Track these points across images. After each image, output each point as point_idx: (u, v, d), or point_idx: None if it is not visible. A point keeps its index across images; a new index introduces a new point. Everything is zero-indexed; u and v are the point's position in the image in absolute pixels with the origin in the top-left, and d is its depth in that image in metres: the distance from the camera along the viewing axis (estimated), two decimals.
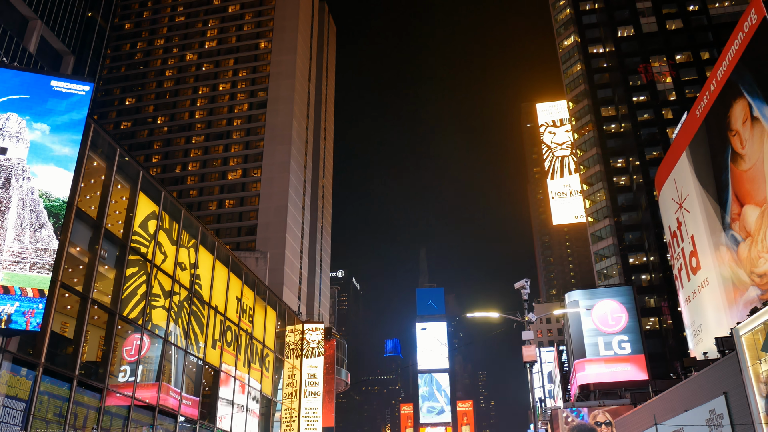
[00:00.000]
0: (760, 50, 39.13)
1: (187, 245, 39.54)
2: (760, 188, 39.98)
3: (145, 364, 34.47)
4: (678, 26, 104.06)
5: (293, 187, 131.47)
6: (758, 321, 32.34)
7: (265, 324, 51.44)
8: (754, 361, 32.28)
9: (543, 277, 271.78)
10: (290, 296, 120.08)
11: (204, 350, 40.22)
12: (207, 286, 41.55)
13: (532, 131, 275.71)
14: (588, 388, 68.69)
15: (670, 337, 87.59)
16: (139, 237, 34.23)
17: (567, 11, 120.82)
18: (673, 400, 42.01)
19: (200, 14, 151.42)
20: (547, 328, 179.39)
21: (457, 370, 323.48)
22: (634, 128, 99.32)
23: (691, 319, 55.58)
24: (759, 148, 39.74)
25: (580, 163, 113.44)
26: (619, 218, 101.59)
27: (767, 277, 39.67)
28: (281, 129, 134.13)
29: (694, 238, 53.03)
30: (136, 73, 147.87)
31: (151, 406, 33.93)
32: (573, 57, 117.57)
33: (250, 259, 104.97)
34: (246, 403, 45.60)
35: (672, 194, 58.08)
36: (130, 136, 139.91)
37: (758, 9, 39.20)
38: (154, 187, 36.22)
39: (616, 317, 70.06)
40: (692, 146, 52.09)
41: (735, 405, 33.44)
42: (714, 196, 47.81)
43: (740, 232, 43.44)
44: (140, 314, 33.62)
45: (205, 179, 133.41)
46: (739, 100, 42.30)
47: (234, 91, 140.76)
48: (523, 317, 32.31)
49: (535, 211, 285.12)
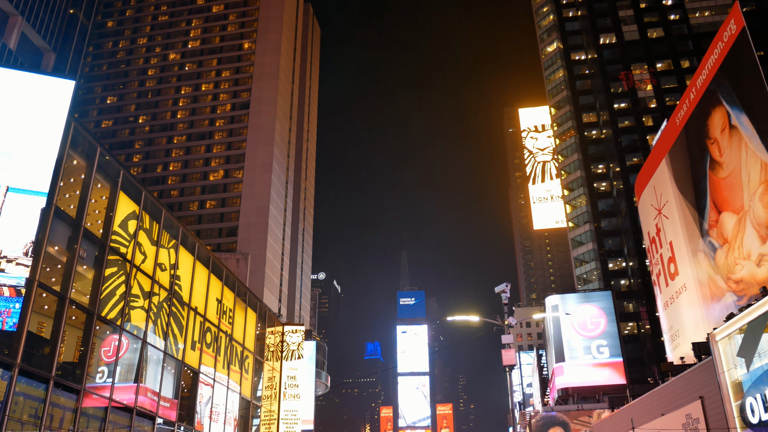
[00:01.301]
0: (739, 60, 39.68)
1: (167, 246, 39.27)
2: (738, 196, 40.52)
3: (123, 366, 34.15)
4: (659, 35, 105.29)
5: (275, 188, 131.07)
6: (734, 327, 32.74)
7: (245, 326, 51.19)
8: (729, 367, 32.68)
9: (523, 282, 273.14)
10: (271, 298, 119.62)
11: (183, 352, 39.94)
12: (187, 287, 41.28)
13: (514, 136, 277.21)
14: (567, 392, 69.07)
15: (648, 342, 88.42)
16: (119, 237, 33.93)
17: (550, 18, 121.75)
18: (651, 405, 42.38)
19: (184, 13, 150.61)
20: (527, 332, 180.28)
21: (437, 374, 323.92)
22: (614, 135, 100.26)
23: (669, 324, 56.14)
24: (737, 156, 40.29)
25: (562, 168, 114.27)
26: (599, 224, 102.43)
27: (744, 283, 40.20)
28: (264, 130, 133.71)
29: (672, 244, 53.59)
30: (118, 72, 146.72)
31: (129, 408, 33.61)
32: (556, 63, 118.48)
33: (231, 260, 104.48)
34: (225, 405, 45.33)
35: (651, 200, 58.67)
36: (111, 135, 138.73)
37: (737, 19, 39.76)
38: (135, 186, 35.93)
39: (595, 322, 70.58)
40: (672, 153, 52.66)
41: (711, 410, 33.82)
42: (692, 203, 48.37)
43: (718, 239, 43.99)
44: (119, 315, 33.31)
45: (187, 179, 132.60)
46: (718, 108, 42.86)
47: (217, 91, 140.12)
48: (503, 321, 32.46)
49: (516, 216, 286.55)
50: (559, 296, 77.19)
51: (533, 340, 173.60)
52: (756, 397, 29.70)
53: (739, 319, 32.35)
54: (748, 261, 39.45)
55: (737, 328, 32.54)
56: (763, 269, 37.56)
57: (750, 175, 38.80)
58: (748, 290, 39.29)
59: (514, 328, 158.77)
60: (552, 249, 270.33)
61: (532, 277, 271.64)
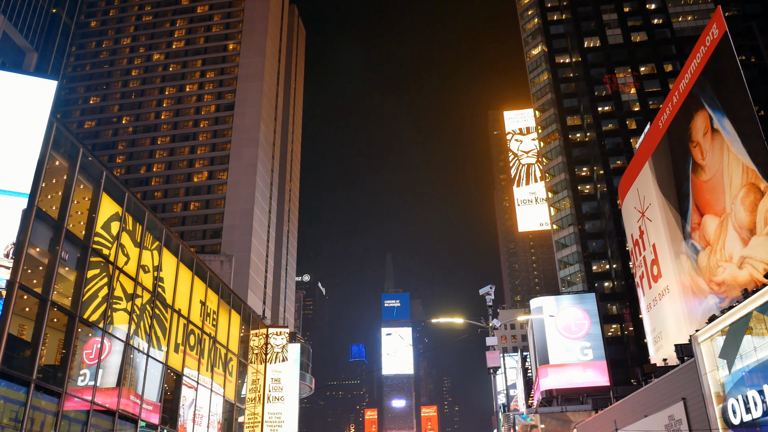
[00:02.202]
0: (721, 64, 40.08)
1: (150, 247, 38.97)
2: (720, 199, 40.90)
3: (105, 368, 33.82)
4: (642, 39, 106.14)
5: (260, 190, 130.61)
6: (716, 328, 33.03)
7: (229, 328, 50.91)
8: (712, 368, 32.95)
9: (508, 284, 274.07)
10: (255, 300, 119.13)
11: (166, 354, 39.63)
12: (170, 289, 40.98)
13: (499, 139, 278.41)
14: (551, 393, 69.37)
15: (631, 344, 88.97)
16: (102, 238, 33.62)
17: (535, 21, 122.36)
18: (634, 406, 42.66)
19: (168, 14, 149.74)
20: (511, 334, 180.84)
21: (421, 376, 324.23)
22: (598, 138, 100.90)
23: (652, 326, 56.53)
24: (719, 160, 40.66)
25: (546, 171, 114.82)
26: (583, 226, 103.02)
27: (725, 285, 40.56)
28: (248, 131, 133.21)
29: (655, 246, 54.00)
30: (101, 72, 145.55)
31: (111, 411, 33.29)
32: (540, 66, 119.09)
33: (215, 262, 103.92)
34: (208, 408, 45.04)
35: (635, 203, 59.08)
36: (94, 135, 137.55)
37: (719, 24, 40.17)
38: (118, 188, 35.63)
39: (579, 324, 70.96)
40: (655, 157, 53.08)
41: (693, 411, 34.08)
42: (675, 205, 48.77)
43: (700, 242, 44.36)
44: (101, 317, 33.00)
45: (170, 181, 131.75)
46: (701, 112, 43.26)
47: (201, 92, 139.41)
48: (488, 323, 32.52)
49: (501, 218, 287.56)
50: (544, 298, 77.54)
51: (518, 342, 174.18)
52: (738, 398, 29.97)
53: (721, 321, 32.64)
54: (730, 263, 39.82)
55: (719, 330, 32.83)
56: (744, 272, 37.91)
57: (732, 178, 39.18)
58: (730, 292, 39.65)
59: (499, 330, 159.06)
60: (536, 251, 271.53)
61: (516, 279, 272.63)
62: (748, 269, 37.40)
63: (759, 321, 29.65)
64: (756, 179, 36.43)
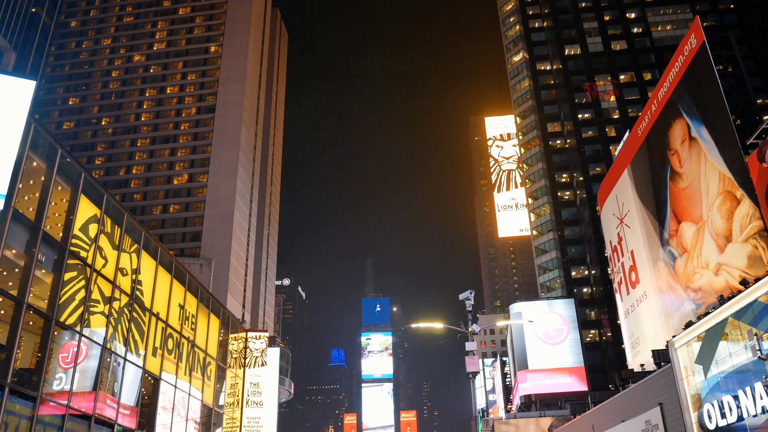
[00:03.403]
0: (698, 73, 40.63)
1: (129, 250, 38.63)
2: (697, 206, 41.42)
3: (81, 372, 33.42)
4: (622, 47, 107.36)
5: (240, 193, 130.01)
6: (693, 334, 33.41)
7: (207, 332, 50.58)
8: (688, 374, 33.31)
9: (488, 289, 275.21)
10: (234, 304, 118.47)
11: (144, 358, 39.27)
12: (149, 293, 40.64)
13: (480, 144, 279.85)
14: (530, 398, 69.69)
15: (609, 349, 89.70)
16: (79, 241, 33.26)
17: (516, 28, 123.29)
18: (611, 411, 42.97)
19: (149, 15, 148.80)
20: (490, 339, 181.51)
21: (401, 380, 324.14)
22: (578, 144, 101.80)
23: (630, 331, 57.04)
24: (696, 168, 41.20)
25: (526, 177, 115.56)
26: (562, 232, 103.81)
27: (702, 291, 41.04)
28: (229, 134, 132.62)
29: (633, 253, 54.52)
30: (81, 73, 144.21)
31: (87, 416, 32.91)
32: (521, 73, 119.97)
33: (195, 265, 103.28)
34: (186, 412, 44.67)
35: (613, 210, 59.64)
36: (73, 136, 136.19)
37: (698, 34, 40.74)
38: (97, 189, 35.28)
39: (558, 329, 71.40)
40: (633, 164, 53.64)
41: (669, 416, 34.41)
42: (653, 212, 49.30)
43: (677, 248, 44.88)
44: (78, 320, 32.63)
45: (150, 183, 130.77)
46: (679, 120, 43.81)
47: (182, 94, 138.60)
48: (467, 328, 32.64)
49: (481, 224, 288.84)
50: (523, 303, 77.97)
51: (497, 347, 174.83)
52: (713, 403, 30.32)
53: (697, 327, 33.02)
54: (707, 270, 40.31)
55: (695, 336, 33.21)
56: (720, 278, 38.40)
57: (709, 185, 39.71)
58: (706, 299, 40.13)
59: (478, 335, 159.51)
60: (516, 257, 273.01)
61: (496, 284, 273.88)
62: (724, 276, 37.88)
63: (734, 327, 30.05)
64: (732, 187, 36.95)
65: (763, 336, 26.95)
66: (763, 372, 25.04)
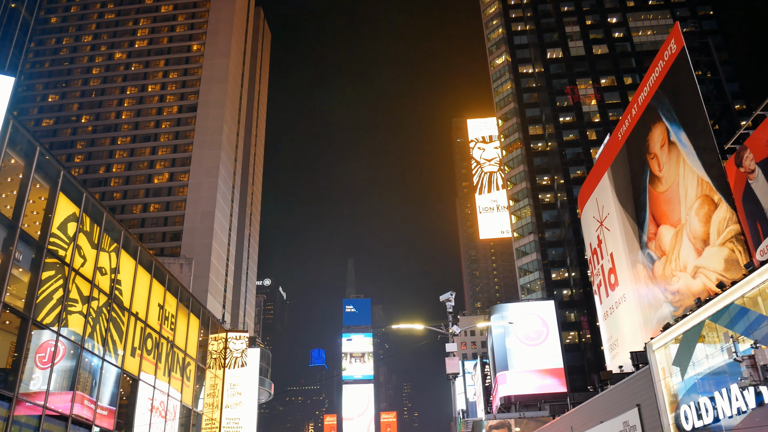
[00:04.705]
0: (678, 78, 41.09)
1: (108, 249, 38.28)
2: (676, 209, 41.88)
3: (58, 372, 33.06)
4: (604, 51, 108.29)
5: (221, 193, 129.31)
6: (670, 336, 33.75)
7: (187, 332, 50.25)
8: (665, 375, 33.66)
9: (468, 290, 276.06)
10: (215, 304, 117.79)
11: (122, 358, 38.93)
12: (128, 292, 40.30)
13: (462, 146, 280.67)
14: (509, 400, 69.97)
15: (588, 351, 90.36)
16: (58, 239, 32.91)
17: (499, 31, 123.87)
18: (590, 412, 43.27)
19: (131, 12, 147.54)
20: (471, 340, 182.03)
21: (381, 381, 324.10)
22: (559, 147, 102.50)
23: (609, 333, 57.52)
24: (675, 171, 41.65)
25: (508, 179, 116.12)
26: (543, 234, 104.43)
27: (680, 294, 41.50)
28: (211, 133, 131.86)
29: (613, 255, 54.98)
30: (61, 70, 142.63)
31: (64, 416, 32.55)
32: (504, 76, 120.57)
33: (175, 265, 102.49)
34: (165, 413, 44.35)
35: (594, 213, 60.11)
36: (52, 134, 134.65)
37: (677, 40, 41.20)
38: (76, 188, 34.94)
39: (538, 331, 71.78)
40: (614, 167, 54.11)
41: (647, 417, 34.73)
42: (633, 215, 49.76)
43: (656, 251, 45.33)
44: (56, 320, 32.27)
45: (130, 182, 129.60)
46: (658, 124, 44.27)
47: (164, 92, 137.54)
48: (448, 329, 32.71)
49: (462, 225, 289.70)
50: (503, 305, 78.30)
51: (477, 348, 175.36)
52: (690, 404, 30.65)
53: (675, 329, 33.37)
54: (685, 273, 40.76)
55: (673, 338, 33.56)
56: (698, 281, 38.85)
57: (687, 189, 40.16)
58: (684, 301, 40.58)
59: (459, 336, 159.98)
60: (497, 258, 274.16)
61: (477, 285, 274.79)
62: (702, 279, 38.34)
63: (711, 329, 30.40)
64: (710, 191, 37.40)
65: (738, 338, 27.30)
66: (738, 374, 25.36)
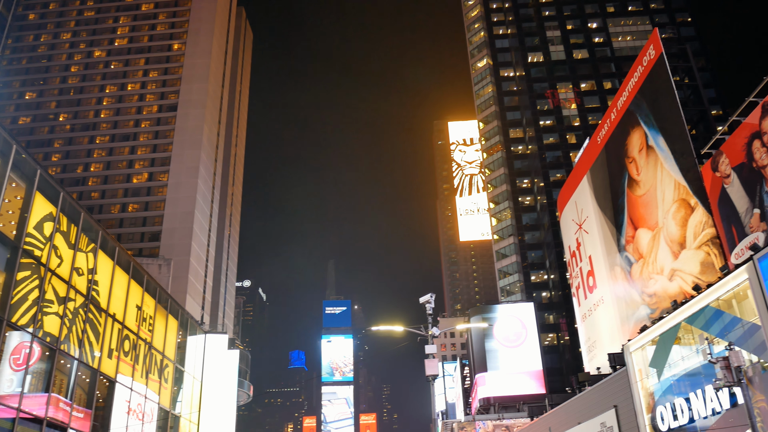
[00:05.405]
0: (656, 84, 41.58)
1: (85, 249, 37.87)
2: (653, 213, 42.33)
3: (33, 374, 32.63)
4: (584, 56, 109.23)
5: (201, 193, 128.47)
6: (647, 338, 34.10)
7: (165, 333, 49.85)
8: (642, 377, 33.99)
9: (448, 292, 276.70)
10: (194, 305, 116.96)
11: (99, 360, 38.52)
12: (105, 293, 39.89)
13: (443, 149, 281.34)
14: (488, 401, 70.25)
15: (566, 353, 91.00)
16: (34, 239, 32.50)
17: (481, 34, 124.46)
18: (568, 414, 43.57)
19: (111, 10, 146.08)
20: (450, 342, 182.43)
21: (361, 383, 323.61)
22: (539, 151, 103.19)
23: (587, 335, 57.98)
24: (653, 176, 42.10)
25: (488, 182, 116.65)
26: (523, 237, 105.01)
27: (657, 296, 41.94)
28: (191, 133, 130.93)
29: (591, 258, 55.44)
30: (39, 67, 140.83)
31: (39, 419, 32.13)
32: (485, 79, 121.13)
33: (153, 266, 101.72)
34: (142, 415, 43.95)
35: (573, 216, 60.57)
36: (29, 132, 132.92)
37: (656, 45, 41.68)
38: (53, 187, 34.53)
39: (518, 333, 72.18)
40: (593, 171, 54.57)
41: (624, 418, 35.05)
42: (611, 218, 50.22)
43: (634, 254, 45.78)
44: (31, 321, 31.86)
45: (109, 181, 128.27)
46: (637, 129, 44.74)
47: (143, 91, 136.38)
48: (427, 331, 32.73)
49: (443, 227, 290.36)
50: (483, 307, 78.64)
51: (457, 350, 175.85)
52: (666, 405, 30.99)
53: (651, 331, 33.72)
54: (662, 276, 41.21)
55: (650, 340, 33.91)
56: (674, 284, 39.29)
57: (665, 193, 40.63)
58: (660, 303, 41.02)
59: (438, 338, 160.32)
60: (477, 261, 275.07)
61: (457, 288, 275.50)
62: (678, 281, 38.78)
63: (687, 331, 30.77)
64: (687, 195, 37.86)
65: (714, 340, 27.65)
66: (713, 375, 25.68)
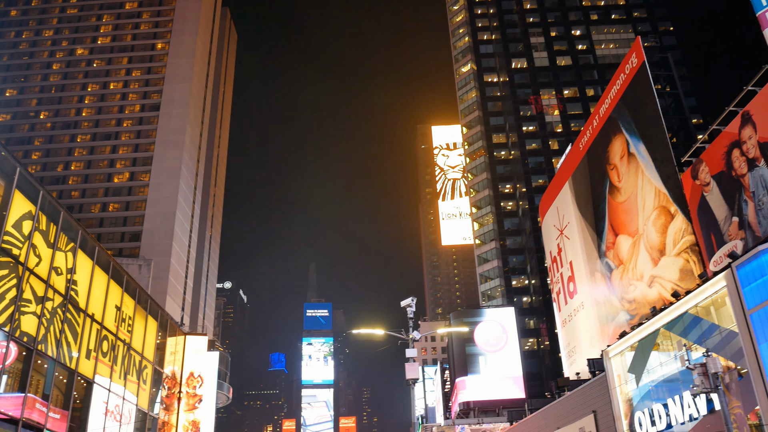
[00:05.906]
0: (638, 92, 41.99)
1: (64, 249, 37.47)
2: (634, 220, 42.70)
3: (9, 374, 32.22)
4: (567, 63, 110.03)
5: (183, 193, 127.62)
6: (626, 344, 34.37)
7: (145, 334, 49.43)
8: (621, 382, 34.25)
9: (430, 296, 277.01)
10: (174, 306, 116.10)
11: (77, 360, 38.10)
12: (84, 293, 39.48)
13: (426, 153, 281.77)
14: (468, 405, 70.41)
15: (546, 358, 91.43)
16: (12, 237, 32.11)
17: (466, 39, 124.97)
18: (547, 418, 43.79)
19: (95, 8, 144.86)
20: (431, 346, 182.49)
21: (341, 386, 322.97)
22: (522, 156, 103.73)
23: (567, 340, 58.31)
24: (634, 182, 42.48)
25: (471, 186, 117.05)
26: (504, 242, 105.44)
27: (636, 303, 42.29)
28: (174, 133, 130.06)
29: (572, 263, 55.79)
30: (20, 64, 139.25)
31: (15, 420, 31.71)
32: (469, 84, 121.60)
33: (133, 266, 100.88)
34: (120, 417, 43.53)
35: (554, 221, 60.94)
36: (9, 129, 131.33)
37: (638, 54, 42.10)
38: (32, 185, 34.15)
39: (498, 337, 72.43)
40: (574, 177, 54.95)
41: (602, 423, 35.29)
42: (592, 225, 50.59)
43: (614, 260, 46.14)
44: (8, 320, 31.46)
45: (89, 180, 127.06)
46: (619, 136, 45.14)
47: (126, 90, 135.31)
48: (408, 335, 32.73)
49: (425, 231, 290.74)
50: (464, 311, 78.85)
51: (437, 354, 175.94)
52: (644, 411, 31.24)
53: (630, 337, 34.00)
54: (641, 282, 41.56)
55: (629, 346, 34.18)
56: (654, 290, 39.64)
57: (645, 200, 41.01)
58: (640, 310, 41.36)
59: (419, 342, 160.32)
60: (459, 265, 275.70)
61: (438, 292, 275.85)
62: (658, 288, 39.13)
63: (666, 338, 31.05)
64: (667, 202, 38.24)
65: (692, 346, 27.93)
66: (691, 381, 25.94)
